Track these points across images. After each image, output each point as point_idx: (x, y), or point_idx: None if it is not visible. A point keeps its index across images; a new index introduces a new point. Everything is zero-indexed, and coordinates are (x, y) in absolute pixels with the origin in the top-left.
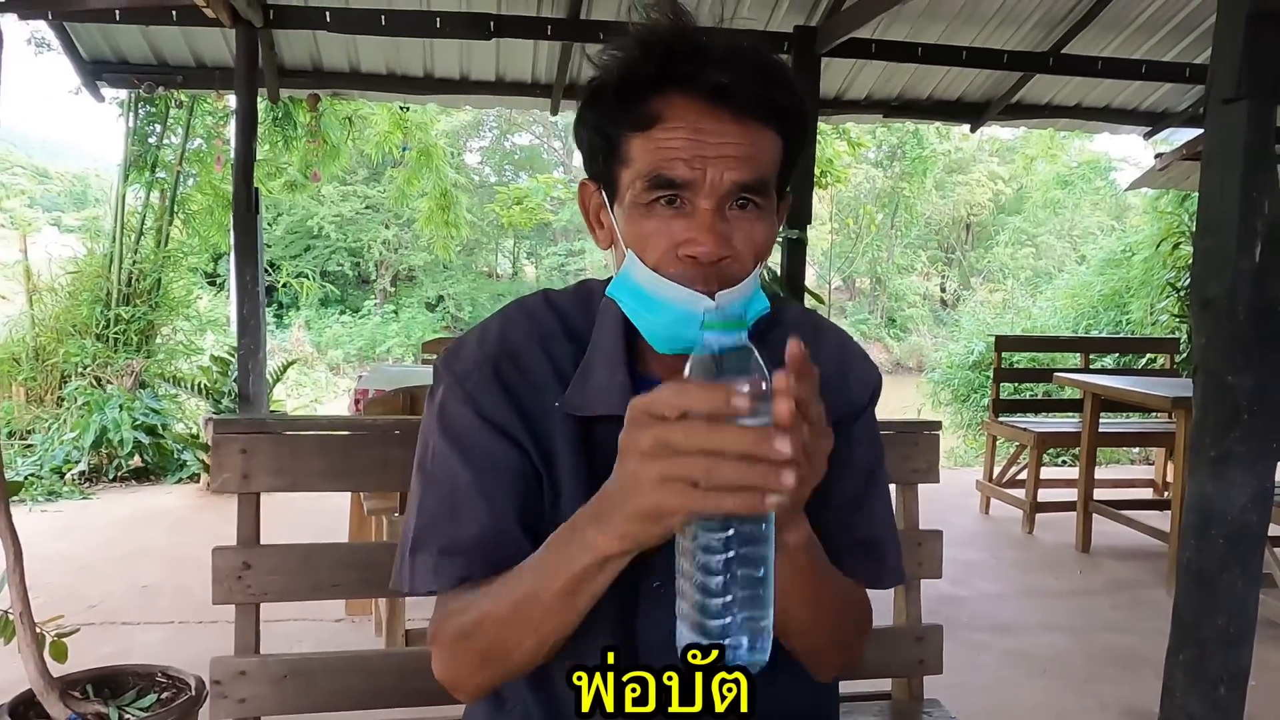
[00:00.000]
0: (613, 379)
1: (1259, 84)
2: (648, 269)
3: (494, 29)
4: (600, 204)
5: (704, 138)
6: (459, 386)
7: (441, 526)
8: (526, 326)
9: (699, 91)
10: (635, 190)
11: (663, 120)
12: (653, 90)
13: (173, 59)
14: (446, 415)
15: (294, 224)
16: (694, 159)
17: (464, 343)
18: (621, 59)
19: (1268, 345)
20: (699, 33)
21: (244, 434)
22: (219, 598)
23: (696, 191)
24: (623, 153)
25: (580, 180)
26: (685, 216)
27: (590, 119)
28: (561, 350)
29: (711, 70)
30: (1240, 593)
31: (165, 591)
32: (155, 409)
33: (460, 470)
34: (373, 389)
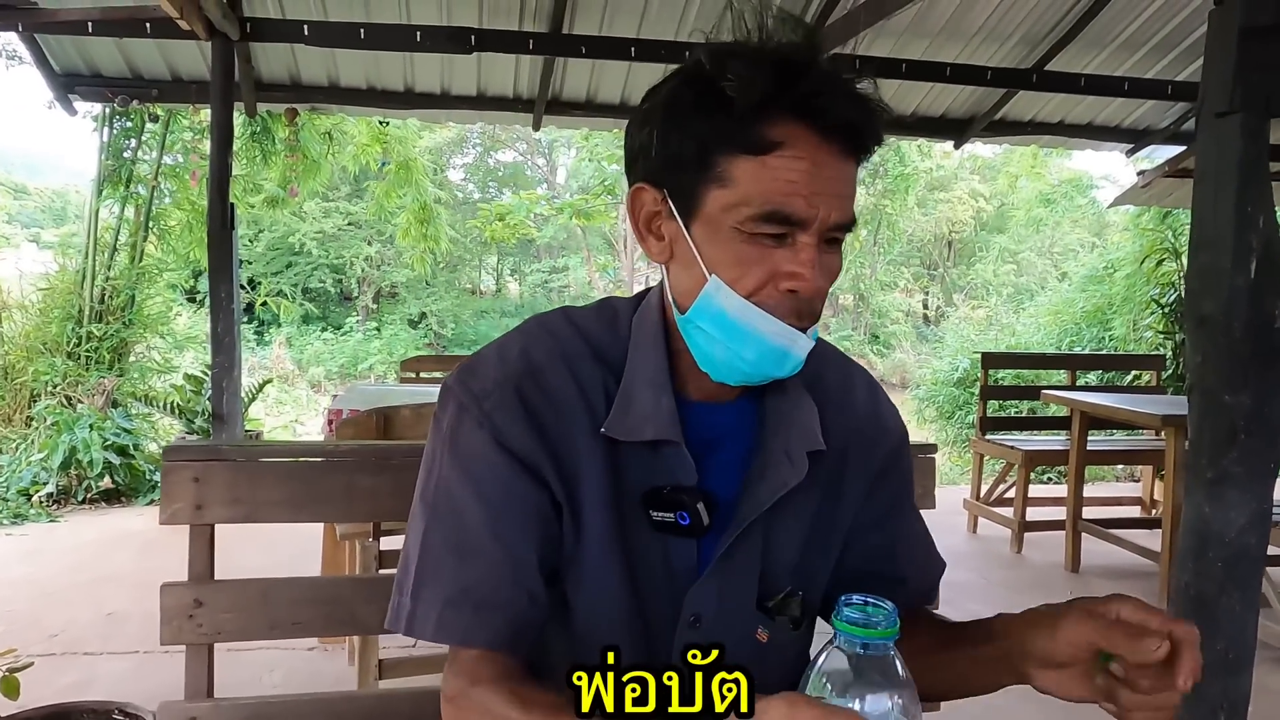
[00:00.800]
0: (659, 403)
1: (1252, 97)
2: (739, 297)
3: (475, 43)
4: (658, 214)
5: (819, 173)
6: (476, 407)
7: (448, 570)
8: (549, 344)
9: (820, 124)
10: (737, 216)
11: (782, 149)
12: (772, 114)
13: (147, 72)
14: (459, 441)
15: (275, 240)
16: (811, 196)
17: (481, 359)
18: (750, 75)
19: (1264, 363)
20: (829, 61)
21: (196, 461)
22: (168, 638)
23: (804, 228)
24: (721, 171)
25: (635, 186)
26: (786, 248)
27: (691, 126)
28: (588, 372)
29: (842, 106)
30: (1239, 617)
31: (132, 619)
32: (127, 428)
33: (472, 505)
34: (347, 409)
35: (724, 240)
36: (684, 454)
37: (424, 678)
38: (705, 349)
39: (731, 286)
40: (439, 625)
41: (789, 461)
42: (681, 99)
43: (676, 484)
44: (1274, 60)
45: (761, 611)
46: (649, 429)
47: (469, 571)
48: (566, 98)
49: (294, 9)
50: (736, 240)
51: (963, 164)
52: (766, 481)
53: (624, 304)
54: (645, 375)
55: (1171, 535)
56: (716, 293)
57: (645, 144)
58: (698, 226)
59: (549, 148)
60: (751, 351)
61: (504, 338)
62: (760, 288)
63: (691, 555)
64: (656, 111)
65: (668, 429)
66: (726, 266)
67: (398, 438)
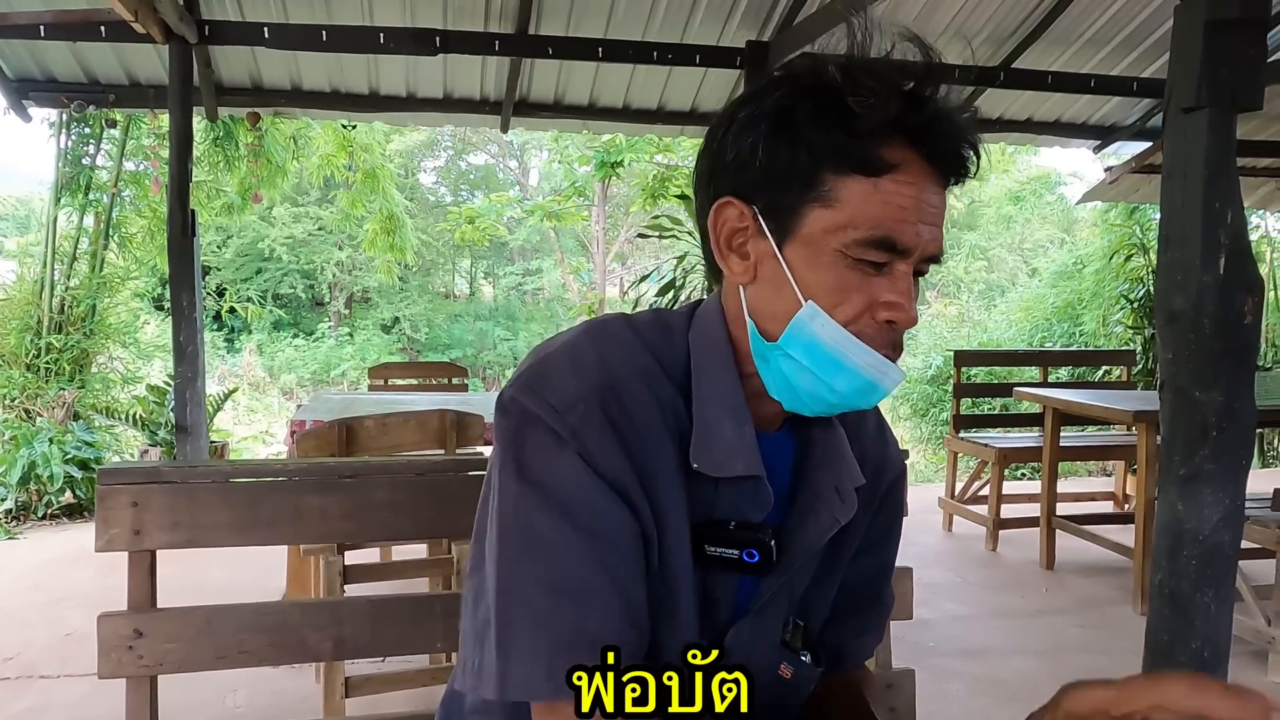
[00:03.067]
0: (742, 434)
1: (1218, 92)
2: (838, 325)
3: (440, 45)
4: (743, 230)
5: (924, 201)
6: (560, 421)
7: (550, 613)
8: (624, 354)
9: (931, 152)
10: (843, 239)
11: (896, 172)
12: (892, 136)
13: (104, 76)
14: (535, 462)
15: (244, 246)
16: (917, 224)
17: (548, 367)
18: (883, 94)
19: (1235, 359)
20: (949, 89)
21: (134, 484)
22: (106, 671)
23: (905, 257)
24: (829, 190)
25: (721, 200)
26: (885, 277)
27: (803, 138)
28: (664, 390)
29: (956, 140)
30: (1214, 615)
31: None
32: (88, 441)
33: (569, 537)
34: (311, 420)
35: (824, 264)
36: (765, 488)
37: (391, 694)
38: (789, 377)
39: (829, 313)
40: (550, 677)
41: (839, 498)
42: (797, 109)
43: (744, 519)
44: (1240, 55)
45: (783, 646)
46: (738, 463)
47: (581, 611)
48: (534, 99)
49: (253, 11)
50: (839, 265)
51: None
52: (818, 518)
53: (678, 319)
54: (721, 401)
55: (1145, 530)
56: (812, 320)
57: (741, 155)
58: (793, 247)
59: (521, 150)
60: (843, 383)
61: (568, 342)
62: (859, 316)
63: (731, 589)
64: (760, 121)
65: (754, 464)
66: (825, 292)
67: (362, 450)
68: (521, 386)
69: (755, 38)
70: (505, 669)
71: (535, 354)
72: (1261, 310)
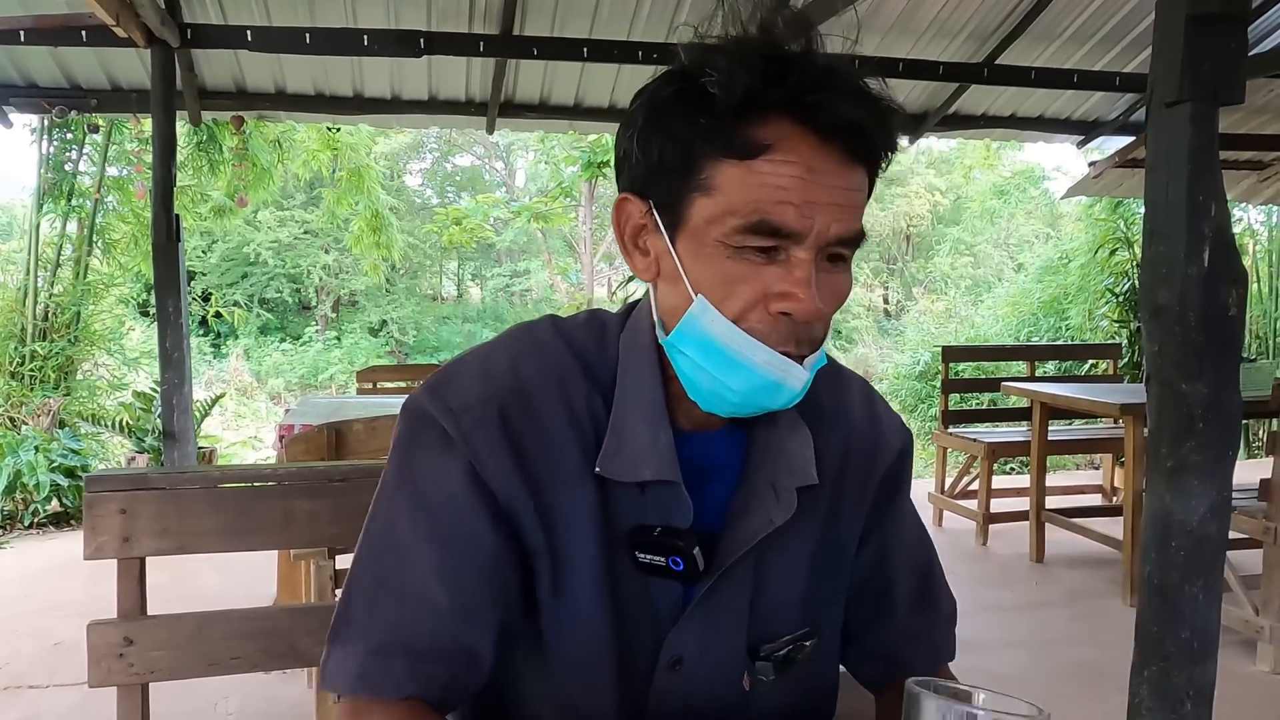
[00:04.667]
0: (656, 438)
1: (1200, 86)
2: (728, 321)
3: (424, 46)
4: (644, 227)
5: (815, 179)
6: (451, 424)
7: (381, 614)
8: (539, 360)
9: (816, 125)
10: (722, 228)
11: (771, 152)
12: (760, 114)
13: (85, 81)
14: (418, 462)
15: (230, 251)
16: (804, 205)
17: (459, 370)
18: (733, 70)
19: (1220, 351)
20: (829, 57)
21: (122, 491)
22: (96, 679)
23: (799, 241)
24: (706, 178)
25: (620, 196)
26: (778, 265)
27: (672, 128)
28: (577, 391)
29: (843, 106)
30: (1203, 606)
31: (80, 650)
32: (75, 449)
33: (422, 543)
34: (299, 424)
35: (709, 255)
36: (681, 494)
37: None
38: (690, 376)
39: (718, 308)
40: (360, 675)
41: (775, 497)
42: (661, 99)
43: (669, 524)
44: (1221, 49)
45: (761, 658)
46: (646, 468)
47: (406, 615)
48: (520, 100)
49: (236, 14)
50: (722, 255)
51: (918, 158)
52: (750, 519)
53: (612, 319)
54: (638, 404)
55: (1133, 522)
56: (701, 315)
57: (629, 150)
58: (683, 240)
59: (507, 151)
60: (739, 381)
61: (486, 347)
62: (749, 310)
63: (676, 595)
64: (638, 114)
65: (667, 468)
66: (712, 285)
67: (351, 454)
68: (427, 388)
69: None
70: (327, 658)
71: (455, 358)
72: (1245, 302)
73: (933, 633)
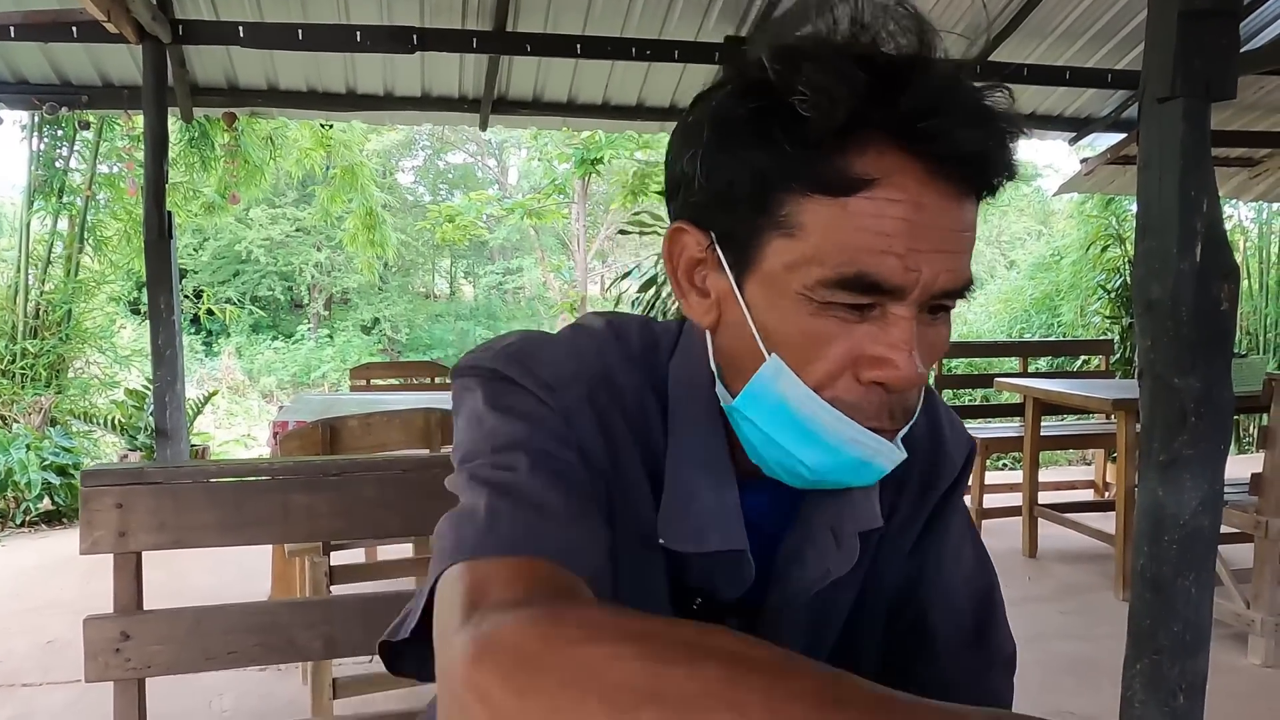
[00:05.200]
0: (723, 500)
1: (1192, 82)
2: (807, 389)
3: (417, 43)
4: (704, 262)
5: (923, 221)
6: (550, 397)
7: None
8: (621, 351)
9: (928, 154)
10: (806, 279)
11: (872, 188)
12: (859, 139)
13: (76, 78)
14: (515, 408)
15: (221, 249)
16: (909, 254)
17: (539, 346)
18: (833, 88)
19: (1212, 346)
20: (947, 66)
21: (118, 486)
22: (93, 674)
23: (900, 297)
24: (787, 215)
25: (674, 225)
26: (872, 323)
27: (746, 154)
28: (651, 405)
29: (964, 131)
30: (1195, 599)
31: (73, 647)
32: (66, 447)
33: (555, 484)
34: (294, 420)
35: (787, 308)
36: (747, 564)
37: (379, 695)
38: (756, 445)
39: (796, 371)
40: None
41: (835, 543)
42: (733, 116)
43: (714, 594)
44: (1213, 45)
45: None
46: (712, 537)
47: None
48: (513, 97)
49: (228, 10)
50: (803, 309)
51: None
52: (805, 569)
53: (665, 335)
54: (698, 459)
55: (1125, 517)
56: (775, 378)
57: (688, 173)
58: (753, 284)
59: (499, 148)
60: (817, 459)
61: (562, 331)
62: (835, 376)
63: None
64: (700, 129)
65: (735, 536)
66: (790, 344)
67: (346, 450)
68: (502, 355)
69: (733, 32)
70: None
71: (516, 333)
72: (1237, 297)
73: (984, 679)
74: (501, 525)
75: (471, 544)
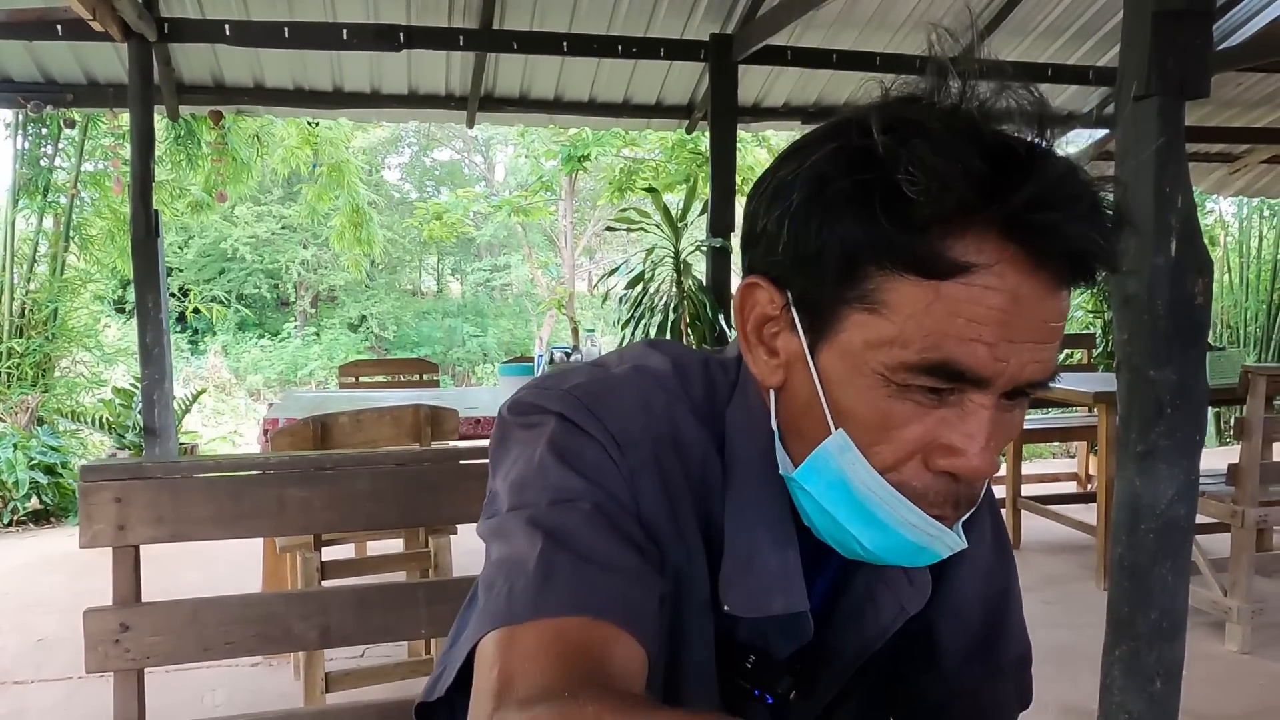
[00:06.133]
0: (785, 560)
1: (1167, 80)
2: (873, 470)
3: (404, 40)
4: (776, 320)
5: (1017, 311)
6: (617, 453)
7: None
8: (685, 406)
9: (1033, 247)
10: (887, 359)
11: (969, 275)
12: (965, 225)
13: (61, 76)
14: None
15: (207, 247)
16: (999, 345)
17: (612, 390)
18: (949, 175)
19: (1187, 339)
20: (1064, 160)
21: (117, 480)
22: (93, 665)
23: (982, 387)
24: (874, 290)
25: (748, 280)
26: (949, 409)
27: (840, 224)
28: (713, 465)
29: (1075, 227)
30: (1171, 586)
31: (64, 645)
32: (54, 446)
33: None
34: (284, 418)
35: (863, 385)
36: (806, 622)
37: (370, 689)
38: (810, 515)
39: (863, 451)
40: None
41: (908, 580)
42: (831, 183)
43: (767, 652)
44: (1186, 44)
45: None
46: (776, 600)
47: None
48: (500, 94)
49: (214, 8)
50: (879, 389)
51: None
52: (880, 607)
53: (721, 379)
54: (760, 515)
55: (1106, 509)
56: (840, 454)
57: (771, 230)
58: (828, 354)
59: (486, 145)
60: (875, 540)
61: (627, 374)
62: (904, 461)
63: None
64: (791, 189)
65: (797, 598)
66: (860, 421)
67: (335, 446)
68: (570, 399)
69: (719, 30)
70: (546, 584)
71: (579, 370)
72: (1211, 291)
73: (989, 687)
74: (558, 581)
75: (521, 605)
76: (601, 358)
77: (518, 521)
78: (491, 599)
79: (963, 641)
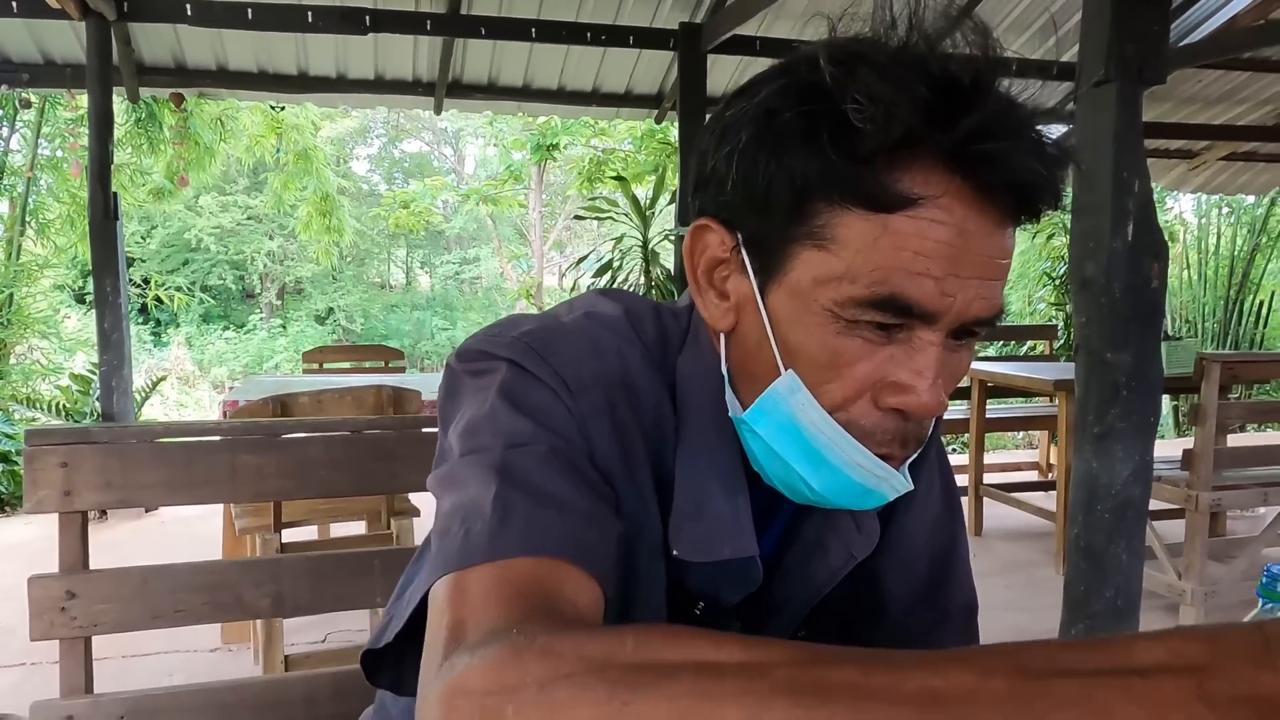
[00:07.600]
0: (735, 506)
1: (1125, 66)
2: (822, 410)
3: (370, 24)
4: (726, 263)
5: (966, 246)
6: (569, 398)
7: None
8: (639, 352)
9: (979, 178)
10: (836, 295)
11: (917, 207)
12: (912, 156)
13: (16, 55)
14: (534, 403)
15: (170, 236)
16: (947, 278)
17: (561, 336)
18: (895, 102)
19: (1143, 322)
20: (1007, 90)
21: (63, 445)
22: (38, 633)
23: (930, 323)
24: (823, 226)
25: (698, 221)
26: (897, 346)
27: (788, 158)
28: (666, 410)
29: (1020, 158)
30: (1126, 566)
31: (18, 632)
32: (8, 433)
33: (570, 480)
34: (244, 399)
35: (811, 324)
36: (755, 567)
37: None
38: (760, 459)
39: (812, 390)
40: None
41: (856, 527)
42: (778, 116)
43: (716, 599)
44: (1145, 31)
45: None
46: (725, 545)
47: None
48: (468, 80)
49: None
50: (828, 326)
51: None
52: (829, 555)
53: (674, 328)
54: (710, 462)
55: (1066, 495)
56: (789, 395)
57: (721, 169)
58: (778, 294)
59: (456, 137)
60: (823, 482)
61: (578, 320)
62: (852, 400)
63: None
64: (739, 127)
65: (746, 543)
66: (809, 361)
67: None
68: (520, 345)
69: (688, 19)
70: (502, 527)
71: (529, 318)
72: (1167, 274)
73: (935, 633)
74: (514, 522)
75: (477, 548)
76: (553, 308)
77: (472, 467)
78: (447, 543)
79: (910, 589)
